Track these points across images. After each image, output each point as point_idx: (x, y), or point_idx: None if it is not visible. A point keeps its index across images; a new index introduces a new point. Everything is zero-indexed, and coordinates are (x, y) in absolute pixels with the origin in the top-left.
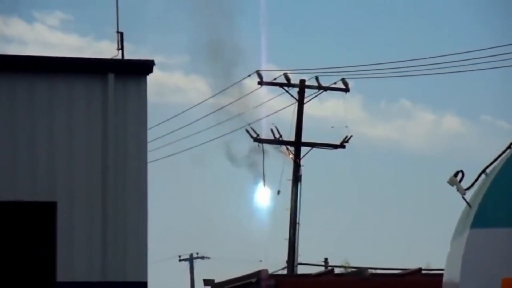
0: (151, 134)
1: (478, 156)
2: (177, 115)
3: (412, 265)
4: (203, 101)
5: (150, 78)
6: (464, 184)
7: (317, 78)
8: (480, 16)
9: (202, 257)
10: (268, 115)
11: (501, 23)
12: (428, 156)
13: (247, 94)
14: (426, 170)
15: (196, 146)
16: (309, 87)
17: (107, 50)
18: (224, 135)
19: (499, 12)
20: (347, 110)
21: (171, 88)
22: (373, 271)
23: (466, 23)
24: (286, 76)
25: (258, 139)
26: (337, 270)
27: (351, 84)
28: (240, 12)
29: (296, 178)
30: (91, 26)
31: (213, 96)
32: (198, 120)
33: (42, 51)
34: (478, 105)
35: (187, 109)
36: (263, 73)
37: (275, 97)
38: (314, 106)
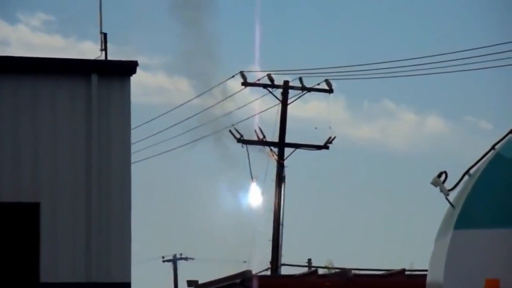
0: (134, 135)
1: (461, 157)
2: (161, 115)
3: (396, 266)
4: (187, 102)
5: (133, 78)
6: (448, 185)
7: (300, 79)
8: (462, 17)
9: (186, 258)
10: (251, 116)
11: (483, 24)
12: (411, 156)
13: (230, 95)
14: (410, 171)
15: (180, 147)
16: (293, 88)
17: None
18: (208, 135)
19: (480, 14)
20: (331, 111)
21: (154, 88)
22: (357, 272)
23: (448, 24)
24: (269, 77)
25: (241, 140)
26: (320, 271)
27: (334, 85)
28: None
29: (280, 179)
30: (74, 27)
31: (197, 97)
32: (182, 121)
33: (25, 52)
34: (461, 106)
35: (171, 110)
36: (246, 74)
37: (258, 98)
38: (298, 107)
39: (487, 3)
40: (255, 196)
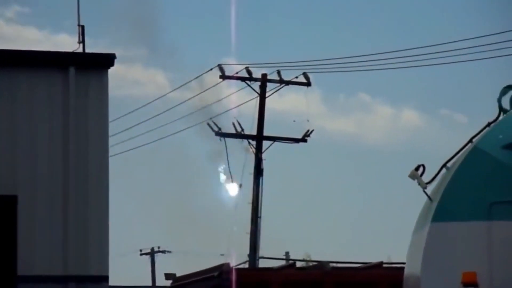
0: (112, 128)
1: (437, 150)
2: (138, 108)
3: (373, 258)
4: (165, 95)
5: (110, 71)
6: (425, 178)
7: (278, 72)
8: (437, 11)
9: (164, 251)
10: (230, 109)
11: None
12: (387, 149)
13: (208, 88)
14: (386, 164)
15: (158, 140)
16: (271, 81)
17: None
18: (186, 129)
19: (455, 7)
20: (309, 104)
21: (130, 81)
22: (335, 264)
23: (423, 18)
24: (248, 70)
25: (220, 133)
26: (298, 264)
27: (312, 78)
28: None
29: (258, 172)
30: (49, 19)
31: (174, 90)
32: (160, 114)
33: None
34: (436, 99)
35: (149, 103)
36: (224, 67)
37: (237, 91)
38: (276, 100)
39: None
40: (233, 189)
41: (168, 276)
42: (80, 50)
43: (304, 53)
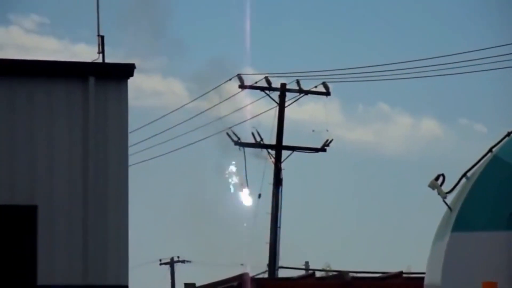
0: (131, 138)
1: (456, 160)
2: (158, 119)
3: (393, 268)
4: (184, 105)
5: (129, 81)
6: (445, 187)
7: (298, 82)
8: (458, 21)
9: (183, 261)
10: (249, 119)
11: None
12: (406, 159)
13: (228, 98)
14: (406, 174)
15: (177, 149)
16: (290, 90)
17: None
18: (205, 138)
19: (475, 17)
20: (328, 113)
21: (148, 91)
22: (354, 274)
23: (444, 28)
24: (267, 80)
25: (239, 143)
26: (318, 274)
27: (331, 87)
28: (221, 15)
29: (277, 182)
30: (67, 29)
31: (194, 100)
32: (179, 124)
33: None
34: (455, 108)
35: (168, 113)
36: (244, 77)
37: (256, 101)
38: (295, 110)
39: (482, 7)
40: (252, 199)
41: (187, 286)
42: (100, 60)
43: (323, 63)
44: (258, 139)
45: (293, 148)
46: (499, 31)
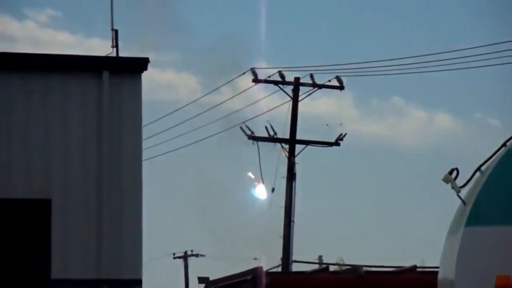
0: (145, 132)
1: (470, 154)
2: (172, 112)
3: (407, 262)
4: (198, 99)
5: (143, 75)
6: (459, 181)
7: (311, 76)
8: (473, 14)
9: (197, 255)
10: (262, 113)
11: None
12: (420, 153)
13: (241, 92)
14: (420, 167)
15: (191, 144)
16: (304, 84)
17: (98, 47)
18: (218, 132)
19: (492, 10)
20: (342, 107)
21: (163, 85)
22: (368, 268)
23: (459, 20)
24: (280, 74)
25: (252, 137)
26: (332, 268)
27: (345, 81)
28: (234, 9)
29: (291, 176)
30: (81, 23)
31: (208, 94)
32: (193, 117)
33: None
34: (470, 103)
35: (182, 107)
36: (257, 71)
37: (269, 95)
38: (308, 104)
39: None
40: (266, 193)
41: (201, 279)
42: (114, 54)
43: (337, 57)
44: (272, 133)
45: (306, 142)
46: None
